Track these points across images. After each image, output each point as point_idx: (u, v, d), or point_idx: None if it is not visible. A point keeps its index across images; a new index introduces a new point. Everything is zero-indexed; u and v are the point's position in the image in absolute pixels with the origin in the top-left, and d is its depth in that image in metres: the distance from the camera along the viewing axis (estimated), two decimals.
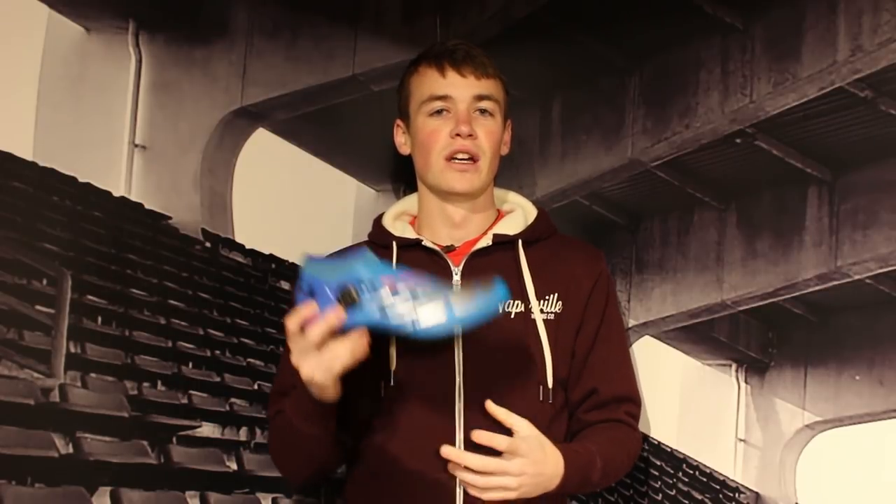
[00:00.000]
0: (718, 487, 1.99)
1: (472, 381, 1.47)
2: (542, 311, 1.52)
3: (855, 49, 1.78)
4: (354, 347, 1.30)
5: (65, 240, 1.82)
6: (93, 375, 1.81)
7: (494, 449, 1.37)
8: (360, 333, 1.29)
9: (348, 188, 2.21)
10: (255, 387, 2.05)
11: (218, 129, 2.05)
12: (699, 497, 2.02)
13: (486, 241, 1.55)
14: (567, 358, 1.54)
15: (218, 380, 2.00)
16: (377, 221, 1.65)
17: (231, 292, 2.05)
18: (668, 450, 2.05)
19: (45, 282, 1.78)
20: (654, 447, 2.04)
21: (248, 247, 2.08)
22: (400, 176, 2.11)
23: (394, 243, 1.57)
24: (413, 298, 1.26)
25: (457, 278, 1.53)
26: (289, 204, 2.10)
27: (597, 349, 1.57)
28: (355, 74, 2.16)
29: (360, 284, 1.27)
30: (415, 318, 1.27)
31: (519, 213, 1.62)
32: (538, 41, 2.15)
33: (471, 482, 1.33)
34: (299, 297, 1.30)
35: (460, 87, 1.52)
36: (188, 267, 2.00)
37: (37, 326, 1.75)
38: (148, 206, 1.95)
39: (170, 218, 1.98)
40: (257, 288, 2.08)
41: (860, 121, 1.85)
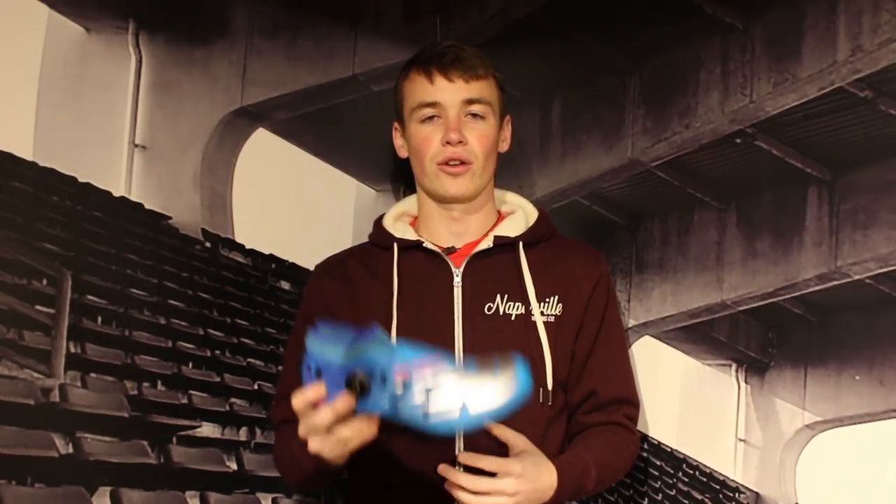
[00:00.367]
0: (718, 487, 2.00)
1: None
2: (542, 313, 1.52)
3: (855, 49, 1.78)
4: (363, 432, 1.28)
5: (65, 240, 1.82)
6: (93, 375, 1.82)
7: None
8: (370, 418, 1.27)
9: (348, 188, 2.21)
10: (255, 387, 2.05)
11: (218, 129, 2.05)
12: (699, 497, 2.02)
13: (487, 242, 1.55)
14: (567, 360, 1.54)
15: (218, 380, 2.00)
16: (378, 222, 1.64)
17: (231, 292, 2.06)
18: (668, 450, 2.05)
19: (45, 282, 1.78)
20: (654, 447, 2.04)
21: (248, 247, 2.08)
22: (400, 176, 2.11)
23: (395, 245, 1.57)
24: (426, 393, 1.20)
25: (458, 280, 1.53)
26: (289, 204, 2.10)
27: (596, 351, 1.56)
28: (355, 74, 2.16)
29: (371, 373, 1.21)
30: (426, 411, 1.23)
31: (519, 215, 1.62)
32: (538, 41, 2.15)
33: (466, 502, 1.34)
34: (306, 376, 1.27)
35: (449, 93, 1.51)
36: (188, 267, 2.00)
37: (37, 326, 1.75)
38: (148, 206, 1.95)
39: (170, 218, 1.98)
40: (257, 288, 2.08)
41: (860, 121, 1.85)
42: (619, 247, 2.12)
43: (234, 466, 1.97)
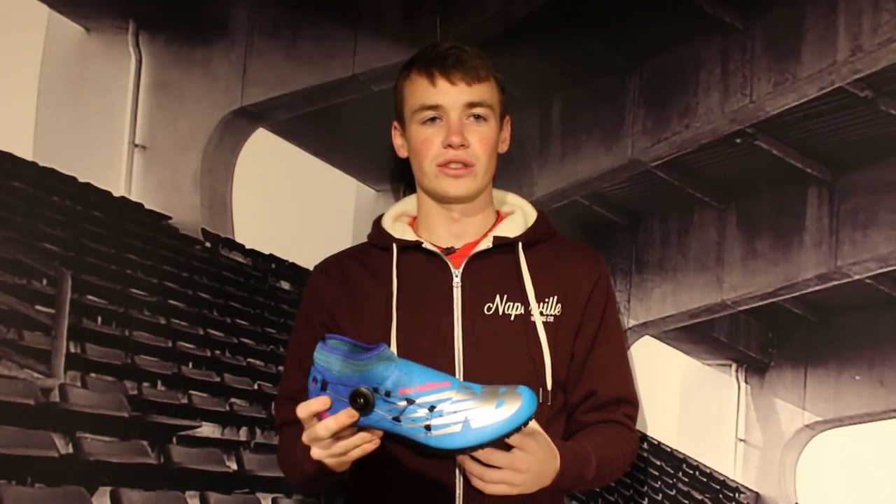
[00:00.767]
0: (718, 487, 2.00)
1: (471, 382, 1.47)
2: (541, 313, 1.52)
3: (855, 49, 1.78)
4: (365, 444, 1.29)
5: (65, 240, 1.82)
6: (93, 375, 1.82)
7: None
8: (372, 431, 1.28)
9: (348, 188, 2.21)
10: (255, 387, 2.05)
11: (218, 129, 2.05)
12: (699, 497, 2.02)
13: (487, 243, 1.55)
14: (566, 360, 1.54)
15: (218, 380, 2.00)
16: (377, 223, 1.64)
17: (231, 292, 2.06)
18: (668, 450, 2.05)
19: (45, 282, 1.78)
20: (654, 447, 2.04)
21: (248, 247, 2.08)
22: (400, 176, 2.11)
23: (394, 245, 1.57)
24: (429, 411, 1.22)
25: (457, 280, 1.53)
26: (289, 204, 2.11)
27: (596, 351, 1.57)
28: (355, 74, 2.16)
29: (375, 389, 1.22)
30: (428, 432, 1.23)
31: (519, 215, 1.62)
32: (538, 41, 2.15)
33: (478, 474, 1.33)
34: (311, 388, 1.28)
35: (451, 96, 1.51)
36: (188, 267, 2.00)
37: (37, 326, 1.76)
38: (148, 206, 1.95)
39: (170, 218, 1.98)
40: (257, 288, 2.09)
41: (860, 121, 1.84)
42: (619, 247, 2.12)
43: (234, 466, 1.97)
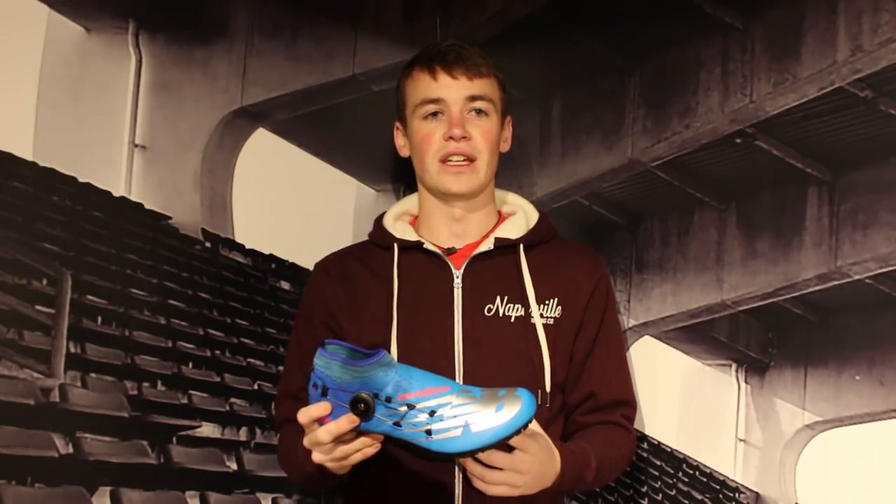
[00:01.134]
0: (718, 487, 2.00)
1: (471, 385, 1.47)
2: (541, 315, 1.53)
3: (855, 49, 1.78)
4: (365, 448, 1.29)
5: (65, 240, 1.82)
6: (93, 375, 1.82)
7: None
8: (373, 436, 1.28)
9: (348, 188, 2.21)
10: (255, 387, 2.05)
11: (218, 129, 2.05)
12: (699, 497, 2.02)
13: (488, 244, 1.55)
14: (565, 362, 1.54)
15: (218, 380, 2.00)
16: (378, 222, 1.64)
17: (231, 292, 2.06)
18: (668, 450, 2.05)
19: (45, 282, 1.78)
20: (654, 447, 2.04)
21: (248, 247, 2.08)
22: (400, 176, 2.11)
23: (395, 245, 1.57)
24: (429, 415, 1.23)
25: (458, 281, 1.53)
26: (289, 204, 2.10)
27: (595, 353, 1.57)
28: (355, 74, 2.16)
29: (375, 395, 1.22)
30: (428, 437, 1.24)
31: (520, 216, 1.62)
32: (538, 41, 2.15)
33: (479, 475, 1.32)
34: (311, 394, 1.28)
35: (452, 90, 1.52)
36: (188, 267, 2.00)
37: (37, 326, 1.75)
38: (148, 206, 1.95)
39: (170, 218, 1.98)
40: (257, 288, 2.08)
41: (860, 121, 1.85)
42: (619, 247, 2.12)
43: (234, 466, 1.97)
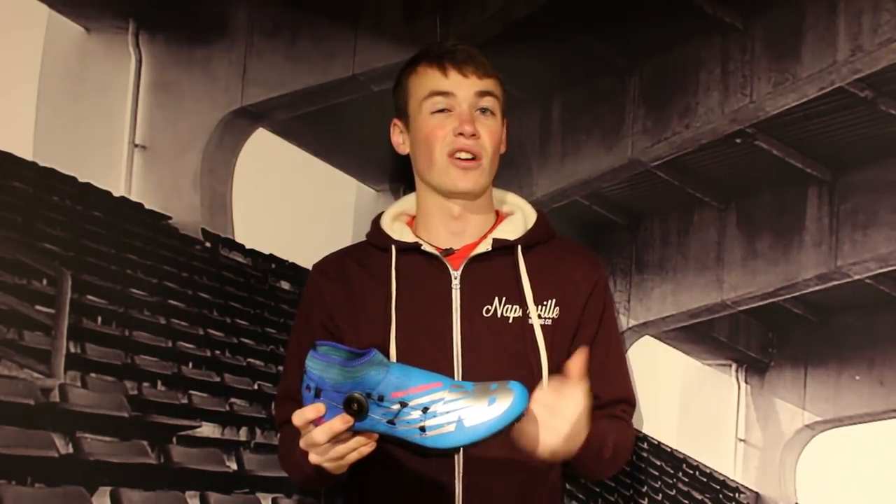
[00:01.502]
0: (718, 487, 1.99)
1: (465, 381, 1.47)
2: (539, 316, 1.52)
3: (855, 49, 1.78)
4: (361, 448, 1.29)
5: (65, 240, 1.82)
6: (93, 375, 1.82)
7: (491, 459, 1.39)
8: (368, 435, 1.29)
9: (348, 188, 2.21)
10: (255, 387, 2.05)
11: (218, 129, 2.05)
12: (699, 497, 2.02)
13: (486, 245, 1.55)
14: (563, 363, 1.54)
15: (218, 380, 2.00)
16: (375, 223, 1.64)
17: (231, 292, 2.06)
18: (668, 450, 2.05)
19: (45, 282, 1.78)
20: (654, 447, 2.04)
21: (248, 247, 2.08)
22: (400, 176, 2.11)
23: (392, 247, 1.57)
24: (423, 412, 1.23)
25: (456, 282, 1.53)
26: (289, 204, 2.10)
27: (595, 354, 1.56)
28: (355, 74, 2.16)
29: (368, 394, 1.23)
30: (423, 433, 1.24)
31: (518, 216, 1.61)
32: (538, 41, 2.15)
33: (539, 398, 1.31)
34: (305, 396, 1.28)
35: (463, 86, 1.52)
36: (188, 267, 2.00)
37: (37, 326, 1.75)
38: (148, 206, 1.95)
39: (170, 218, 1.98)
40: (257, 288, 2.08)
41: (860, 121, 1.85)
42: (619, 247, 2.12)
43: (234, 466, 1.97)
